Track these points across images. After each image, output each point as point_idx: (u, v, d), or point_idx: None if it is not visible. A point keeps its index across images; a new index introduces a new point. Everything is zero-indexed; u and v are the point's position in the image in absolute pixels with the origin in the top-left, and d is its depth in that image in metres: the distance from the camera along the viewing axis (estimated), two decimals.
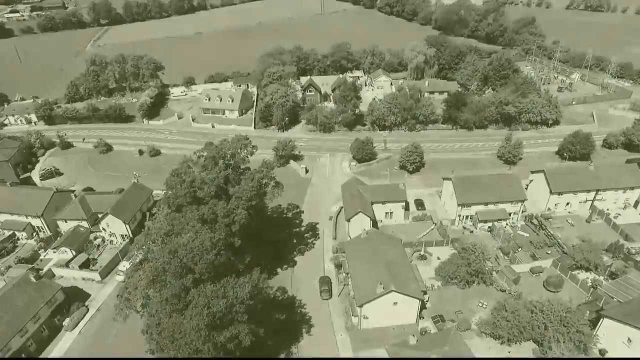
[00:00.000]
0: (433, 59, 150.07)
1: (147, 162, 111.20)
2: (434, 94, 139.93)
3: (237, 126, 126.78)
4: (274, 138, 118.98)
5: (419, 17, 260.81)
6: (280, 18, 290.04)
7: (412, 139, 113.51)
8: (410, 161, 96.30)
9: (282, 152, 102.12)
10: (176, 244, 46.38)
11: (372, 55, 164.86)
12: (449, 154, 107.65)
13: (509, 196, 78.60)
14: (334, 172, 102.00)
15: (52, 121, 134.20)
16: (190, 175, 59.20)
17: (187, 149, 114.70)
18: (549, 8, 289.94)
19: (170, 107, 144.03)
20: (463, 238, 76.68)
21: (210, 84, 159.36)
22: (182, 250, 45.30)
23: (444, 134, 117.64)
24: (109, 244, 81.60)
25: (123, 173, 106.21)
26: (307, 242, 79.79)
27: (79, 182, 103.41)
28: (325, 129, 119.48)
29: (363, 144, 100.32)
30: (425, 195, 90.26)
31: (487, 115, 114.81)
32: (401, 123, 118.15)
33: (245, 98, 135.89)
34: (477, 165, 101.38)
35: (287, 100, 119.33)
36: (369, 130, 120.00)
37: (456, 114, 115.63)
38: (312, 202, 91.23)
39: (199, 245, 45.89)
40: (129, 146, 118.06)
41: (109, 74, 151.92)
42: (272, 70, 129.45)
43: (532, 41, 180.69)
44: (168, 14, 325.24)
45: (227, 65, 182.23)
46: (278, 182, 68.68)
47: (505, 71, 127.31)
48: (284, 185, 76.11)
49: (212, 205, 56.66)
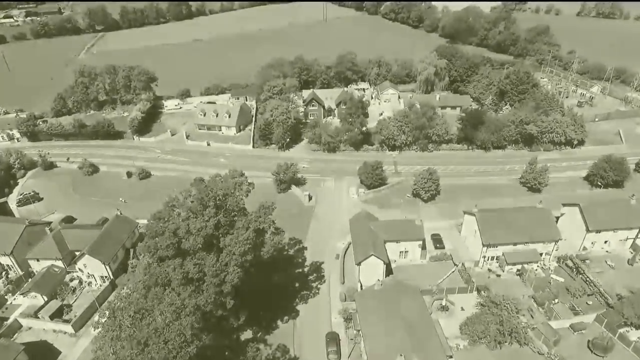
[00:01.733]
0: (444, 71, 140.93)
1: (136, 185, 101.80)
2: (446, 109, 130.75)
3: (234, 144, 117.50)
4: (274, 158, 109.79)
5: (425, 24, 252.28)
6: (281, 24, 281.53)
7: (425, 160, 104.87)
8: (425, 189, 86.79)
9: (283, 177, 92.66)
10: (146, 333, 36.85)
11: (379, 66, 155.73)
12: (466, 178, 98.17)
13: (541, 235, 69.12)
14: (340, 199, 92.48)
15: (36, 138, 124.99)
16: (174, 221, 49.82)
17: (179, 171, 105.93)
18: (558, 15, 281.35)
19: (163, 122, 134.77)
20: (489, 283, 67.28)
21: (206, 96, 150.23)
22: (153, 344, 35.88)
23: (459, 155, 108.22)
24: (87, 287, 72.06)
25: (109, 198, 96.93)
26: (311, 287, 70.21)
27: (60, 209, 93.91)
28: (329, 148, 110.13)
29: (372, 168, 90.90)
30: (443, 229, 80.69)
31: (506, 135, 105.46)
32: (412, 143, 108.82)
33: (243, 113, 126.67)
34: (498, 192, 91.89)
35: (288, 117, 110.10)
36: (377, 150, 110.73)
37: (472, 134, 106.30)
38: (316, 236, 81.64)
39: (176, 337, 36.50)
40: (117, 167, 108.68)
41: (99, 86, 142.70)
42: (272, 83, 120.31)
43: (547, 51, 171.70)
44: (166, 20, 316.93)
45: (225, 76, 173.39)
46: (278, 229, 59.07)
47: (524, 85, 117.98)
48: (286, 214, 66.58)
49: (200, 259, 47.27)
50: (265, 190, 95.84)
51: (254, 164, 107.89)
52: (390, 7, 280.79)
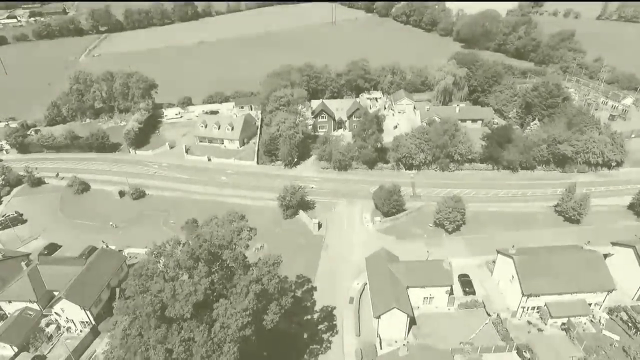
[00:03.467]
0: (463, 81, 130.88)
1: (128, 206, 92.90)
2: (466, 122, 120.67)
3: (237, 160, 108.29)
4: (279, 176, 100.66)
5: (438, 27, 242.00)
6: (289, 27, 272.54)
7: (446, 182, 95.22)
8: (450, 219, 76.93)
9: (290, 202, 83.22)
10: None
11: (393, 74, 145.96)
12: (493, 203, 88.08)
13: (591, 284, 59.13)
14: (353, 227, 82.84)
15: (27, 149, 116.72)
16: (158, 281, 40.71)
17: (176, 190, 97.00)
18: (578, 18, 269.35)
19: (162, 133, 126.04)
20: (530, 340, 57.46)
21: (209, 104, 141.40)
22: None
23: (483, 176, 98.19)
24: (66, 332, 63.16)
25: (98, 221, 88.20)
26: (322, 340, 60.73)
27: (45, 233, 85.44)
28: (340, 166, 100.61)
29: (389, 194, 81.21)
30: (471, 268, 70.90)
31: (536, 155, 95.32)
32: (432, 162, 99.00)
33: (248, 125, 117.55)
34: (531, 222, 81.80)
35: (296, 132, 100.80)
36: (392, 169, 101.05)
37: (499, 152, 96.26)
38: (327, 273, 72.08)
39: None
40: (110, 184, 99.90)
41: (95, 93, 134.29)
42: (278, 94, 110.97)
43: (572, 58, 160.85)
44: (171, 21, 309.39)
45: (229, 81, 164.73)
46: (285, 288, 49.55)
47: (554, 99, 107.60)
48: (293, 245, 56.89)
49: (188, 331, 38.11)
50: (269, 215, 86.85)
51: (257, 182, 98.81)
52: (402, 9, 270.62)
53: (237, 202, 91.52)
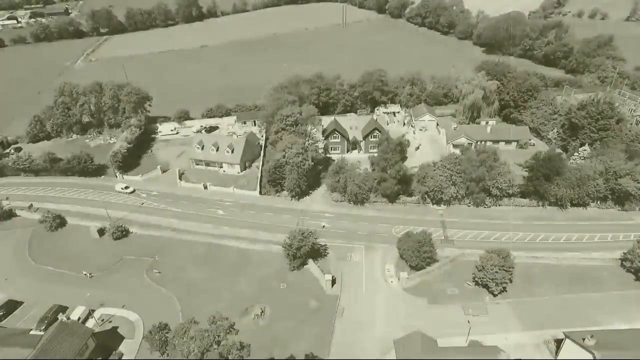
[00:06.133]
0: (494, 95, 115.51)
1: (108, 249, 79.23)
2: (499, 143, 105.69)
3: (237, 189, 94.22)
4: (285, 210, 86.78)
5: (456, 30, 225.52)
6: (297, 28, 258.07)
7: (481, 221, 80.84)
8: (497, 281, 62.09)
9: (297, 251, 68.79)
10: None
11: (412, 85, 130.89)
12: (543, 253, 72.62)
13: None
14: (374, 284, 68.19)
15: (2, 172, 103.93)
16: None
17: (164, 228, 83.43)
18: (604, 20, 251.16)
19: (154, 153, 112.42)
20: None
21: (208, 119, 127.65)
22: None
23: (526, 214, 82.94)
24: None
25: (72, 268, 74.73)
26: None
27: (6, 285, 72.21)
28: (357, 199, 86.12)
29: (419, 244, 66.60)
30: (527, 348, 56.06)
31: (591, 191, 79.97)
32: (465, 196, 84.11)
33: (250, 146, 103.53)
34: (594, 281, 66.57)
35: (305, 159, 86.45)
36: (417, 204, 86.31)
37: (545, 186, 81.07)
38: (343, 350, 57.56)
39: None
40: (89, 219, 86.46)
41: (84, 107, 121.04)
42: (285, 112, 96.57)
43: (612, 67, 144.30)
44: (174, 22, 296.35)
45: (232, 90, 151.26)
46: None
47: (606, 121, 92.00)
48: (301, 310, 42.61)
49: None
50: (272, 265, 72.85)
51: (259, 219, 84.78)
52: (416, 10, 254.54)
53: (235, 246, 77.89)
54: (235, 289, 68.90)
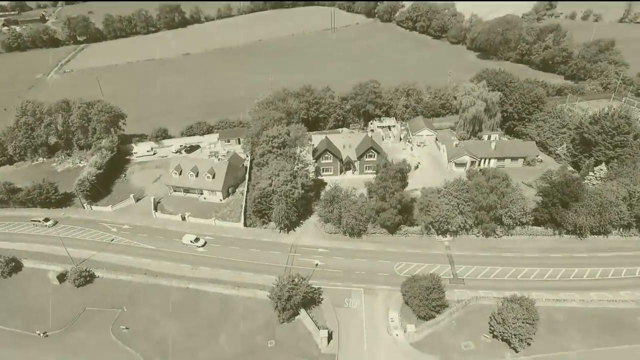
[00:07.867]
0: (496, 106, 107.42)
1: (68, 298, 68.71)
2: (504, 160, 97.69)
3: (219, 221, 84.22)
4: (272, 245, 77.43)
5: (449, 34, 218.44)
6: (284, 34, 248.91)
7: (492, 254, 71.91)
8: (519, 336, 53.24)
9: (287, 302, 59.14)
10: None
11: (407, 96, 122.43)
12: (565, 292, 64.19)
13: None
14: (376, 338, 58.80)
15: None
16: None
17: (135, 271, 73.05)
18: (598, 21, 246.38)
19: (128, 178, 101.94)
20: None
21: (188, 137, 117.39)
22: None
23: (541, 244, 74.46)
24: None
25: (24, 326, 64.13)
26: None
27: None
28: (353, 232, 76.84)
29: (427, 291, 57.57)
30: None
31: (613, 218, 71.85)
32: (473, 226, 75.38)
33: (233, 169, 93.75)
34: (628, 328, 58.11)
35: (294, 187, 77.01)
36: (420, 235, 77.35)
37: (561, 213, 72.76)
38: None
39: None
40: (48, 261, 75.68)
41: (50, 127, 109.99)
42: (271, 133, 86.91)
43: (614, 72, 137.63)
44: (156, 29, 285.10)
45: (215, 103, 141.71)
46: None
47: (621, 137, 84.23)
48: None
49: None
50: (258, 315, 63.13)
51: (243, 256, 74.94)
52: (406, 14, 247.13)
53: (217, 292, 67.97)
54: (215, 347, 59.10)
